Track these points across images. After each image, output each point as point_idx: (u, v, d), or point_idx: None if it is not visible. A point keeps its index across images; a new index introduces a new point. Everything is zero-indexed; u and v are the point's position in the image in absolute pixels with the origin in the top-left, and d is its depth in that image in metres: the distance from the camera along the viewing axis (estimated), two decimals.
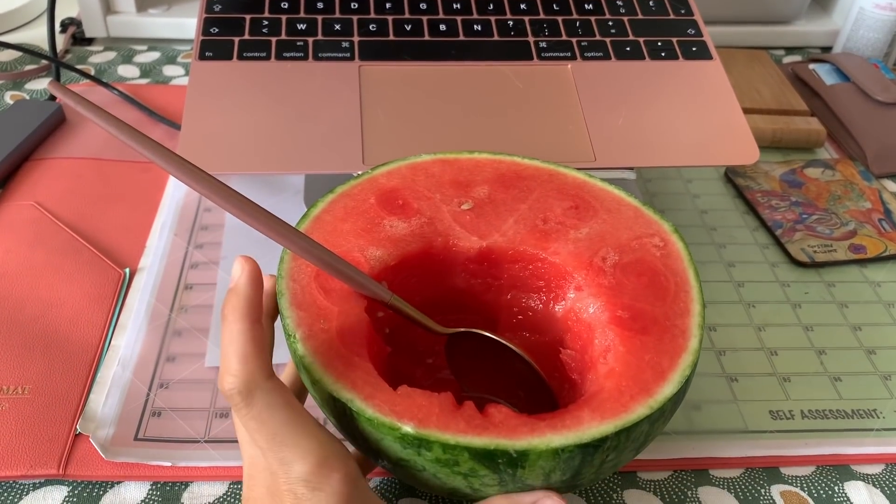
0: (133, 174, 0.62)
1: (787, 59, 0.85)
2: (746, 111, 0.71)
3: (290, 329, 0.36)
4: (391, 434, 0.32)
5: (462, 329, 0.40)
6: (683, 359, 0.35)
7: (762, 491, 0.43)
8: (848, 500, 0.43)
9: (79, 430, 0.43)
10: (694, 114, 0.54)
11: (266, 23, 0.57)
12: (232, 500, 0.41)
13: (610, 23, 0.60)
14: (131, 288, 0.52)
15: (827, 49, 0.87)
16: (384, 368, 0.39)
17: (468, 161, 0.45)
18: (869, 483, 0.44)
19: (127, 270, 0.53)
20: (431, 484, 0.35)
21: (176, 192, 0.60)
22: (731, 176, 0.66)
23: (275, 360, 0.45)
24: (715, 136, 0.53)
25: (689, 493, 0.43)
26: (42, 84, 0.73)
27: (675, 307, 0.37)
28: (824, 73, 0.76)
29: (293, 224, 0.41)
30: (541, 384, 0.40)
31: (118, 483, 0.42)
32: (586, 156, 0.51)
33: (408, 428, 0.32)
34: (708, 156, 0.52)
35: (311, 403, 0.44)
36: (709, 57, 0.58)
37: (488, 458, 0.32)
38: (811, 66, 0.78)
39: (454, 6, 0.60)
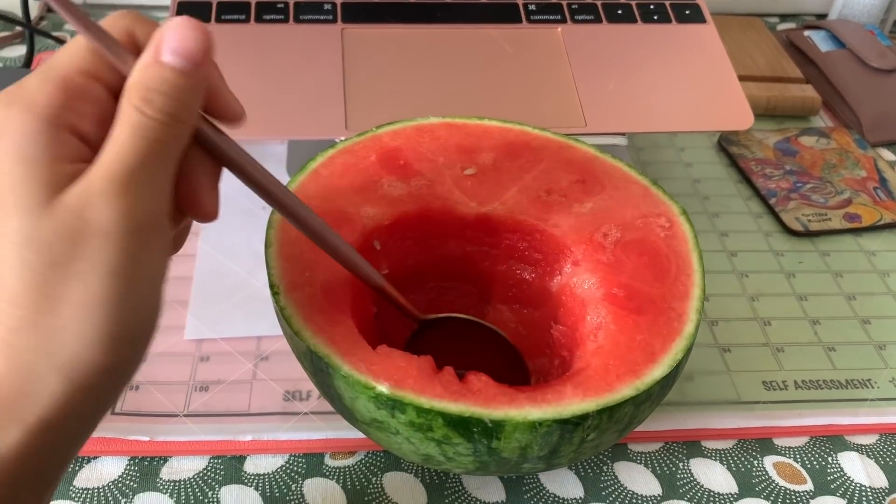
0: None
1: (782, 27, 0.83)
2: (741, 78, 0.69)
3: (274, 279, 0.35)
4: (365, 393, 0.32)
5: (442, 315, 0.38)
6: (677, 343, 0.34)
7: (755, 462, 0.42)
8: (842, 470, 0.42)
9: None
10: (687, 78, 0.53)
11: None
12: (212, 475, 0.40)
13: None
14: None
15: (822, 16, 0.86)
16: (369, 329, 0.38)
17: (476, 127, 0.43)
18: (863, 453, 0.43)
19: None
20: (405, 449, 0.34)
21: None
22: (725, 144, 0.64)
23: (261, 332, 0.44)
24: (709, 100, 0.52)
25: (681, 465, 0.42)
26: (16, 52, 0.71)
27: (675, 290, 0.36)
28: (819, 40, 0.74)
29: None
30: (522, 369, 0.39)
31: (94, 458, 0.40)
32: (577, 121, 0.49)
33: (382, 388, 0.31)
34: (701, 121, 0.51)
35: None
36: (702, 20, 0.57)
37: (463, 425, 0.31)
38: (806, 32, 0.76)
39: None
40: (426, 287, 0.42)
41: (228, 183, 0.30)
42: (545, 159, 0.42)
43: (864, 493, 0.41)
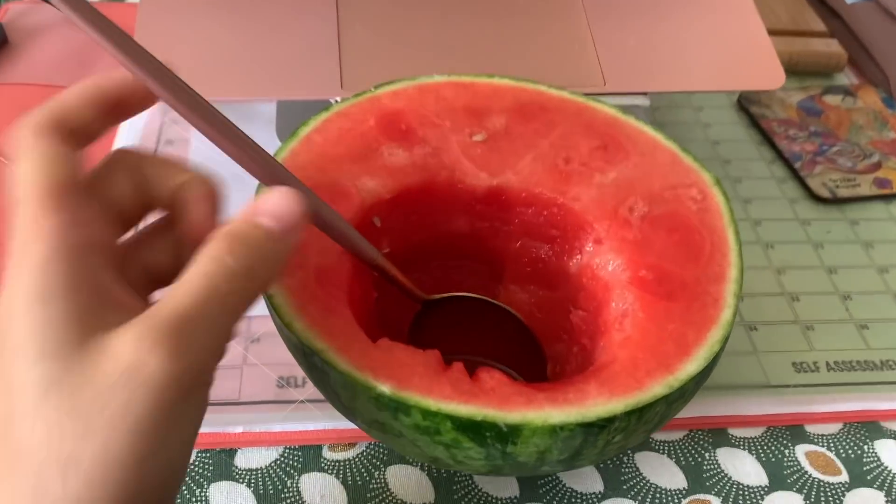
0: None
1: None
2: None
3: None
4: (365, 393, 0.28)
5: (448, 294, 0.35)
6: (713, 332, 0.30)
7: (786, 452, 0.39)
8: (879, 459, 0.39)
9: None
10: (713, 32, 0.48)
11: None
12: (200, 471, 0.37)
13: None
14: None
15: None
16: (369, 316, 0.34)
17: (486, 86, 0.39)
18: None
19: None
20: (410, 450, 0.31)
21: (136, 120, 0.53)
22: (745, 104, 0.60)
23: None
24: (736, 57, 0.47)
25: (707, 455, 0.39)
26: None
27: (709, 271, 0.32)
28: None
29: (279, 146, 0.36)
30: (538, 353, 0.35)
31: None
32: (595, 79, 0.45)
33: (384, 388, 0.28)
34: (729, 80, 0.46)
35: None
36: None
37: (474, 429, 0.28)
38: None
39: None
40: (431, 266, 0.38)
41: (213, 146, 0.27)
42: (562, 123, 0.38)
43: None
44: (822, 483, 0.38)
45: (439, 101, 0.38)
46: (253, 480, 0.37)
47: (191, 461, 0.37)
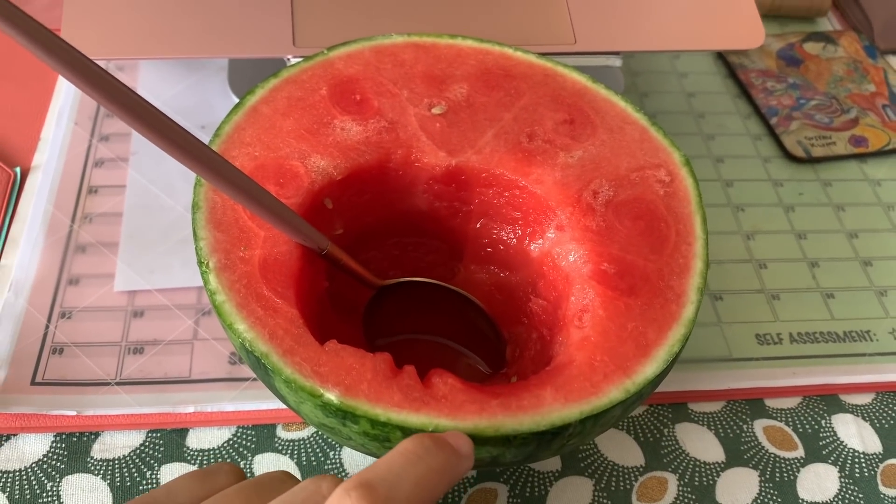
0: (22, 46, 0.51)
1: None
2: None
3: (203, 255, 0.29)
4: (311, 400, 0.27)
5: (401, 280, 0.33)
6: (674, 331, 0.29)
7: (744, 427, 0.39)
8: (835, 434, 0.40)
9: None
10: None
11: None
12: (150, 452, 0.36)
13: None
14: (23, 192, 0.44)
15: None
16: (321, 305, 0.33)
17: (448, 48, 0.36)
18: (857, 415, 0.40)
19: (17, 170, 0.45)
20: (361, 451, 0.30)
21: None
22: (723, 52, 0.58)
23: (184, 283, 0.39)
24: (715, 14, 0.45)
25: (667, 430, 0.39)
26: None
27: (673, 263, 0.31)
28: None
29: (225, 110, 0.34)
30: (496, 336, 0.34)
31: (14, 436, 0.36)
32: (565, 37, 0.42)
33: (331, 395, 0.27)
34: (706, 38, 0.44)
35: None
36: None
37: None
38: None
39: None
40: (388, 244, 0.37)
41: (161, 98, 0.24)
42: (527, 92, 0.35)
43: (857, 460, 0.39)
44: (777, 458, 0.39)
45: (397, 66, 0.36)
46: (205, 461, 0.36)
47: (141, 442, 0.36)
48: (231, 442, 0.37)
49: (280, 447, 0.37)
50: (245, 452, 0.36)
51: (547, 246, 0.34)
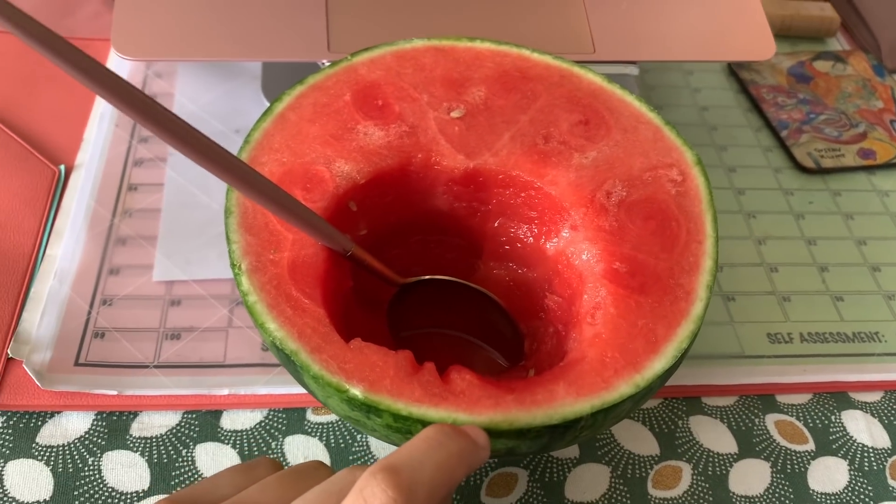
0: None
1: None
2: None
3: (235, 258, 0.31)
4: (338, 395, 0.29)
5: (422, 277, 0.35)
6: (682, 328, 0.31)
7: (756, 421, 0.41)
8: (844, 429, 0.41)
9: (10, 354, 0.38)
10: (705, 1, 0.48)
11: None
12: (186, 431, 0.38)
13: None
14: (67, 188, 0.46)
15: None
16: (346, 304, 0.34)
17: (466, 51, 0.38)
18: (867, 412, 0.42)
19: (62, 168, 0.47)
20: (385, 441, 0.32)
21: (118, 73, 0.52)
22: (735, 68, 0.60)
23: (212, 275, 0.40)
24: (728, 26, 0.47)
25: (681, 422, 0.40)
26: None
27: (683, 261, 0.32)
28: None
29: (257, 115, 0.36)
30: (515, 331, 0.36)
31: (58, 413, 0.38)
32: (584, 47, 0.45)
33: (356, 391, 0.28)
34: (720, 49, 0.46)
35: None
36: None
37: None
38: None
39: None
40: (411, 241, 0.39)
41: (197, 102, 0.26)
42: (544, 93, 0.37)
43: (865, 454, 0.40)
44: (788, 451, 0.40)
45: (417, 70, 0.37)
46: (238, 441, 0.38)
47: (177, 422, 0.38)
48: (263, 424, 0.38)
49: (309, 430, 0.38)
50: (276, 434, 0.38)
51: (562, 245, 0.36)
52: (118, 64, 0.51)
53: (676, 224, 0.33)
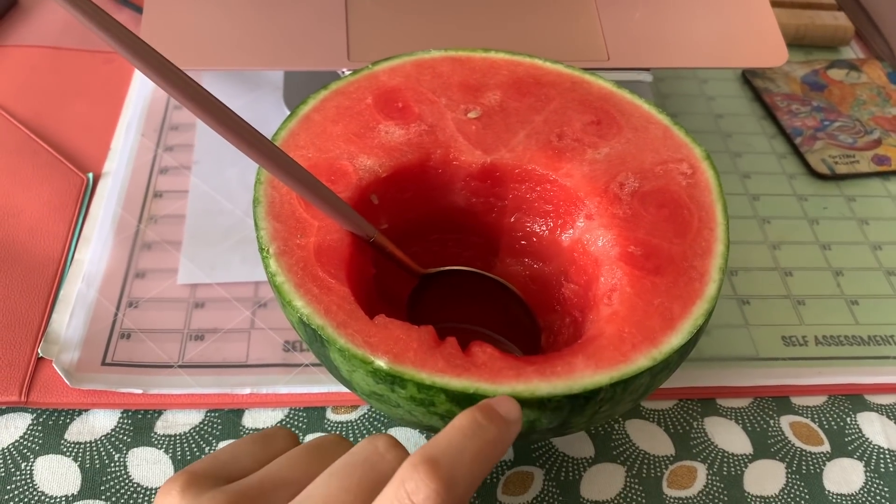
0: (95, 65, 0.56)
1: None
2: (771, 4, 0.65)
3: (263, 242, 0.33)
4: (363, 367, 0.30)
5: (443, 268, 0.36)
6: (697, 306, 0.31)
7: (770, 422, 0.41)
8: (860, 431, 0.41)
9: (41, 353, 0.40)
10: (718, 8, 0.49)
11: None
12: (209, 429, 0.39)
13: None
14: (95, 195, 0.47)
15: None
16: (368, 290, 0.35)
17: (482, 61, 0.40)
18: (882, 414, 0.42)
19: (90, 175, 0.48)
20: (407, 420, 0.32)
21: (143, 87, 0.54)
22: (749, 77, 0.60)
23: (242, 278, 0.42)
24: (741, 33, 0.48)
25: (696, 423, 0.41)
26: None
27: (696, 246, 0.33)
28: None
29: (279, 124, 0.37)
30: (532, 324, 0.36)
31: (86, 411, 0.39)
32: (599, 54, 0.46)
33: (381, 362, 0.29)
34: (732, 56, 0.47)
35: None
36: None
37: (467, 401, 0.29)
38: None
39: None
40: (429, 239, 0.40)
41: None
42: (557, 97, 0.38)
43: (882, 456, 0.40)
44: (804, 452, 0.40)
45: (435, 77, 0.39)
46: None
47: (200, 420, 0.39)
48: (284, 422, 0.39)
49: (329, 428, 0.39)
50: (297, 432, 0.39)
51: (577, 234, 0.36)
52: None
53: (688, 212, 0.34)
